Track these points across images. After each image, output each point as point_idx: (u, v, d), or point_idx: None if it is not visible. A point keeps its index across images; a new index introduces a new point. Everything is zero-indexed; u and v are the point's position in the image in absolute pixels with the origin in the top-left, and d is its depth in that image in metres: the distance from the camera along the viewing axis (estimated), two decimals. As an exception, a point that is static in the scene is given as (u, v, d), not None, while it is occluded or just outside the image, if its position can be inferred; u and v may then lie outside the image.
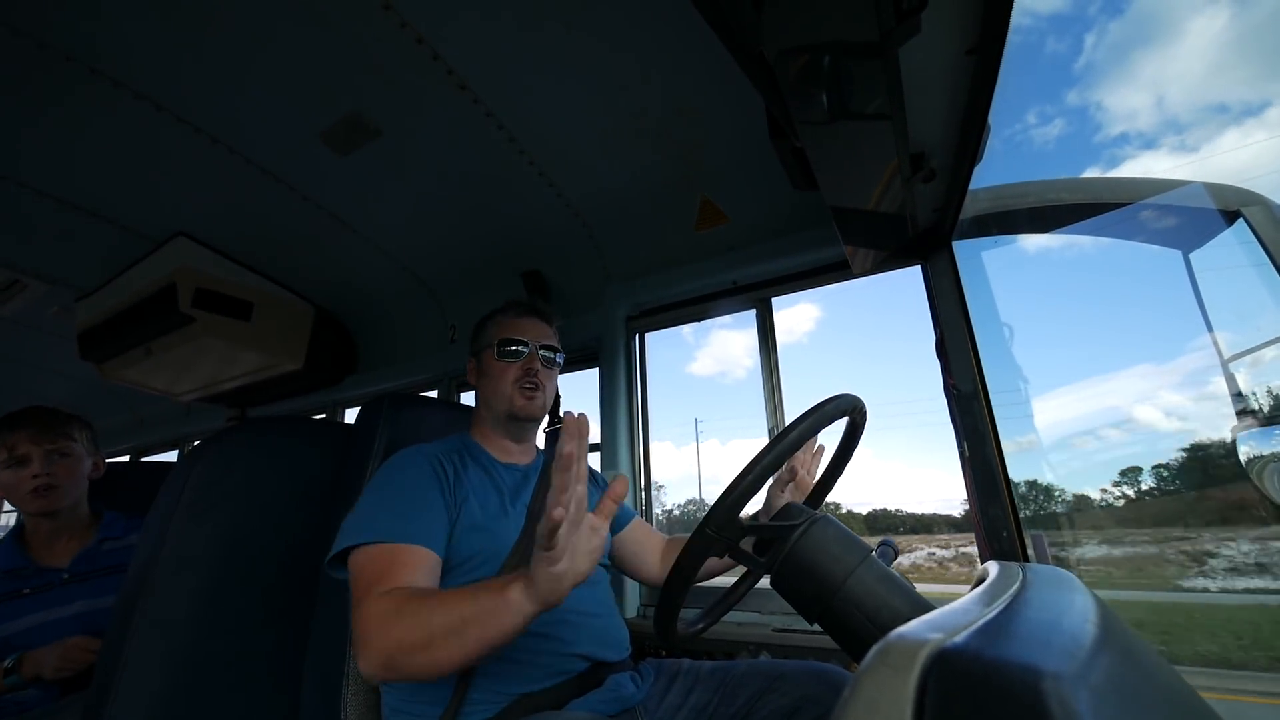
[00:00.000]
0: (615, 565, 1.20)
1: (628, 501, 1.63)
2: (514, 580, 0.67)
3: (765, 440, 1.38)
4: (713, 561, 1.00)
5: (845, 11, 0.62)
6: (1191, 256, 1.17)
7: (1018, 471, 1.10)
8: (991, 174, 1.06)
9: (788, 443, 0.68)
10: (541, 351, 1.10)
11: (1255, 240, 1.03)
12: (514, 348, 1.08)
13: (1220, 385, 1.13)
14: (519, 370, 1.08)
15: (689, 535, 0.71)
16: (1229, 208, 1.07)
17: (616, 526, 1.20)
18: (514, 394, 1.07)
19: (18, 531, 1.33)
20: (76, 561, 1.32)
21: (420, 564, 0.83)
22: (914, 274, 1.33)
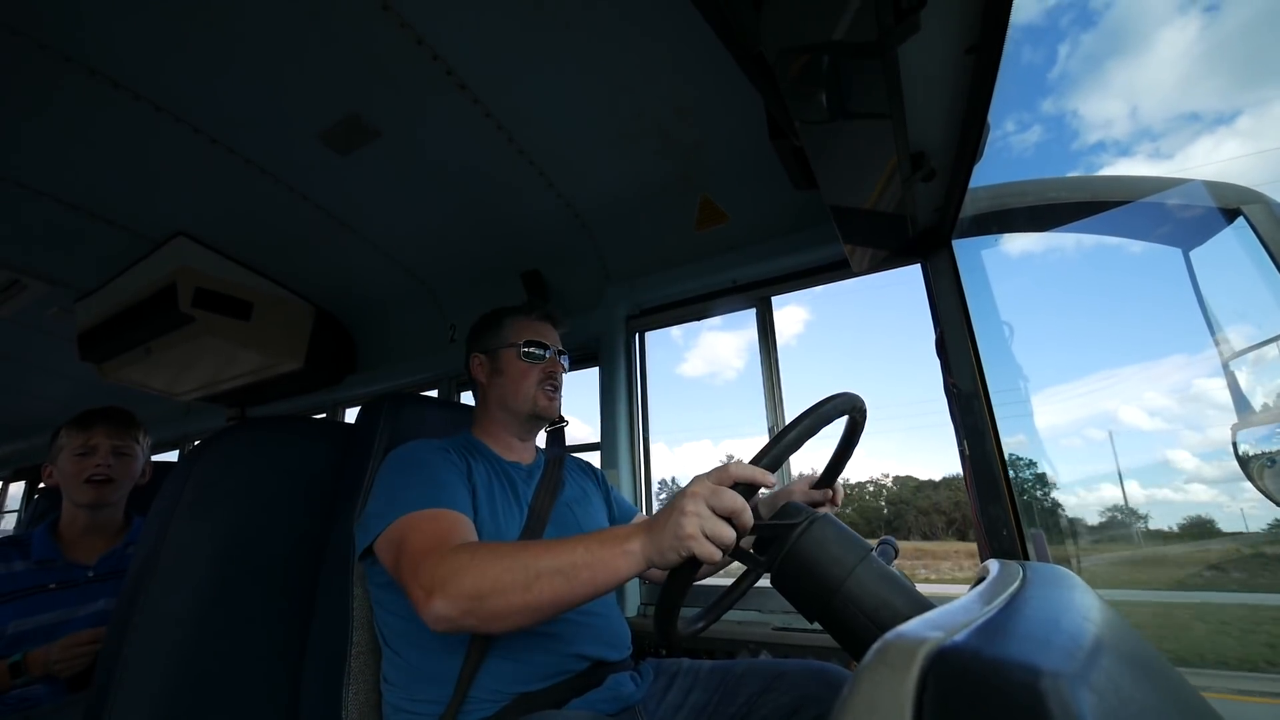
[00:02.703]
0: None
1: (628, 498, 1.63)
2: (634, 533, 0.67)
3: (762, 439, 1.38)
4: None
5: (845, 10, 0.62)
6: (1191, 254, 1.17)
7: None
8: (978, 177, 1.06)
9: (784, 444, 0.68)
10: (560, 356, 1.15)
11: (1255, 238, 1.03)
12: (538, 350, 1.11)
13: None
14: (541, 372, 1.11)
15: None
16: (1229, 205, 1.07)
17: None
18: (537, 395, 1.09)
19: (52, 523, 1.36)
20: (103, 561, 1.34)
21: (470, 530, 0.84)
22: (905, 273, 1.33)
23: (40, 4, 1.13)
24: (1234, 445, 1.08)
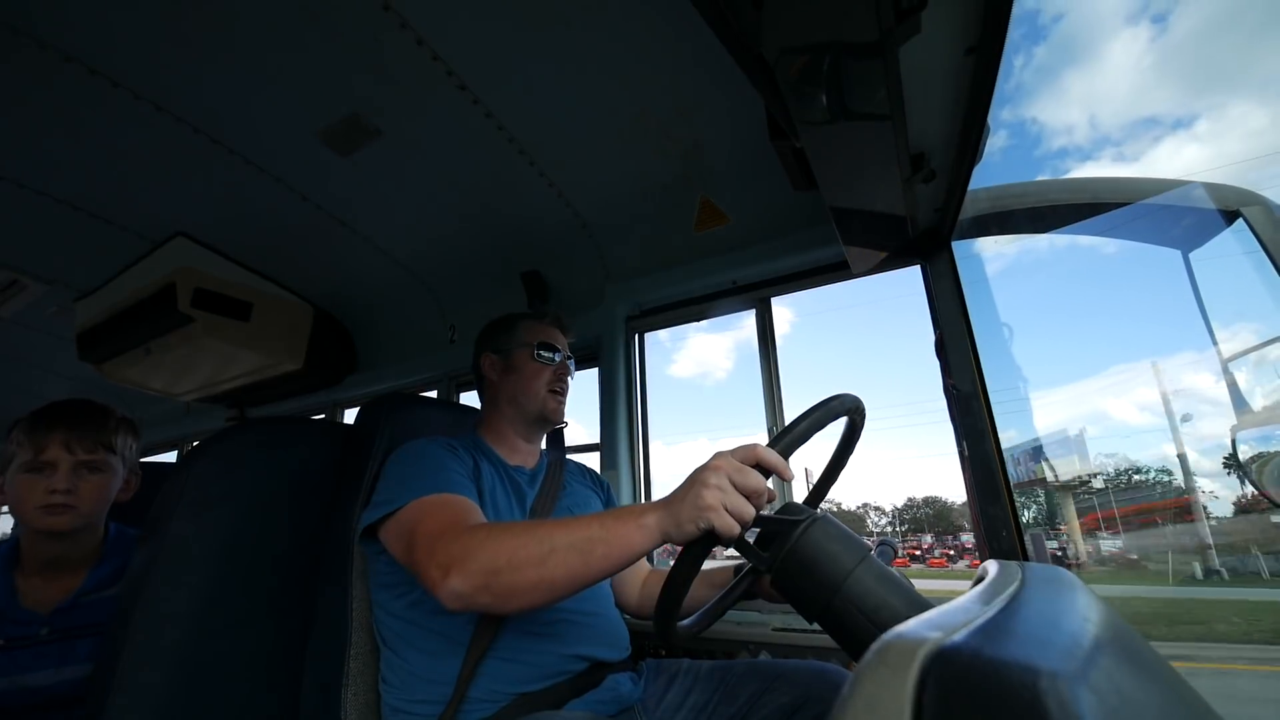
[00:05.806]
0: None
1: (627, 498, 1.63)
2: (649, 508, 0.67)
3: (758, 435, 1.38)
4: (713, 575, 1.00)
5: (845, 11, 0.62)
6: (1191, 256, 1.17)
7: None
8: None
9: (786, 442, 0.68)
10: (569, 361, 1.17)
11: (1255, 240, 1.03)
12: (550, 353, 1.13)
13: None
14: (552, 374, 1.13)
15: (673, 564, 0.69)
16: (1228, 207, 1.07)
17: None
18: (547, 396, 1.11)
19: (12, 551, 1.03)
20: (59, 614, 1.02)
21: (480, 515, 0.85)
22: (894, 276, 1.34)
23: (40, 3, 1.13)
24: (1233, 446, 1.08)
